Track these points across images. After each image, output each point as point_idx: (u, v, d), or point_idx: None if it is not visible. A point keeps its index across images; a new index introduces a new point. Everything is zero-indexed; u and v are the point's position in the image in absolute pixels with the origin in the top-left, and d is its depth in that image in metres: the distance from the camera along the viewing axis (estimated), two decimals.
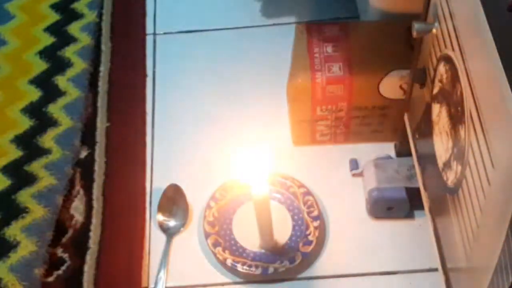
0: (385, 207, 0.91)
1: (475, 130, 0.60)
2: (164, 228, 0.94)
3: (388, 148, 0.98)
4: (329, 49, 0.94)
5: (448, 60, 0.68)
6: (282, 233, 0.91)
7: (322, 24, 0.98)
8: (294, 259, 0.88)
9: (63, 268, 0.91)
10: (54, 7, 1.24)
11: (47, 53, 1.16)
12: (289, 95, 0.95)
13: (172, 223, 0.94)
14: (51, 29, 1.20)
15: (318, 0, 1.21)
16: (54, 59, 1.15)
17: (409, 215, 0.93)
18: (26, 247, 0.92)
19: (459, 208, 0.66)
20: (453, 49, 0.66)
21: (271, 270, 0.87)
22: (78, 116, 1.07)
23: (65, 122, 1.06)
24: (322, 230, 0.92)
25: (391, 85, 0.91)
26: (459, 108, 0.64)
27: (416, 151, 0.85)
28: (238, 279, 0.89)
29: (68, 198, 0.98)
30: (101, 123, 1.07)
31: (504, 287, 0.55)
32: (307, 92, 0.92)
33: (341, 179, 0.98)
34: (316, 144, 1.01)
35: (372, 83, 0.92)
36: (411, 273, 0.89)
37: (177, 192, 0.97)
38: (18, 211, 0.96)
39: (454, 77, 0.66)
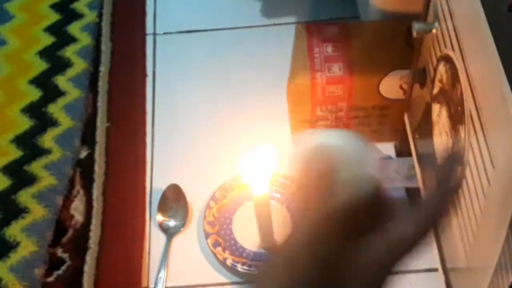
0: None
1: (475, 130, 0.60)
2: (164, 228, 0.94)
3: (388, 148, 0.98)
4: (329, 49, 0.94)
5: (448, 60, 0.68)
6: (282, 233, 0.91)
7: (322, 24, 0.98)
8: None
9: (63, 268, 0.91)
10: (54, 7, 1.24)
11: (47, 53, 1.16)
12: (289, 95, 0.95)
13: (172, 223, 0.94)
14: (51, 29, 1.20)
15: (318, 0, 1.21)
16: (54, 59, 1.15)
17: None
18: (26, 247, 0.92)
19: (459, 208, 0.66)
20: (453, 49, 0.66)
21: None
22: (78, 116, 1.07)
23: (65, 122, 1.06)
24: None
25: (391, 85, 0.91)
26: (459, 108, 0.64)
27: (416, 151, 0.85)
28: (238, 279, 0.89)
29: (68, 198, 0.98)
30: (101, 123, 1.07)
31: (504, 287, 0.55)
32: (307, 92, 0.92)
33: None
34: None
35: (372, 83, 0.92)
36: (411, 273, 0.89)
37: (177, 192, 0.96)
38: (18, 211, 0.96)
39: (454, 77, 0.66)
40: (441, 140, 0.72)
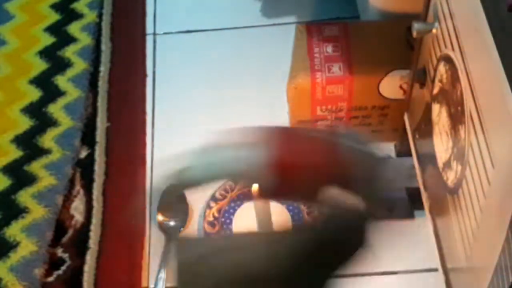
0: (385, 207, 0.91)
1: (475, 130, 0.60)
2: (164, 228, 0.94)
3: (388, 148, 0.98)
4: (329, 49, 0.94)
5: (448, 60, 0.68)
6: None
7: (322, 24, 0.98)
8: None
9: (63, 268, 0.91)
10: (54, 7, 1.24)
11: (47, 53, 1.16)
12: (289, 95, 0.95)
13: (172, 223, 0.94)
14: (51, 29, 1.20)
15: (318, 0, 1.21)
16: (54, 59, 1.15)
17: (409, 215, 0.93)
18: (26, 247, 0.92)
19: (459, 208, 0.66)
20: (453, 49, 0.66)
21: None
22: (78, 116, 1.07)
23: (65, 122, 1.06)
24: None
25: (391, 85, 0.91)
26: (459, 108, 0.64)
27: (416, 151, 0.85)
28: None
29: (68, 198, 0.98)
30: (101, 123, 1.07)
31: (504, 287, 0.55)
32: (307, 92, 0.92)
33: None
34: None
35: (372, 83, 0.92)
36: (411, 273, 0.89)
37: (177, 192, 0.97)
38: (18, 211, 0.96)
39: (454, 77, 0.66)
40: (441, 140, 0.72)
